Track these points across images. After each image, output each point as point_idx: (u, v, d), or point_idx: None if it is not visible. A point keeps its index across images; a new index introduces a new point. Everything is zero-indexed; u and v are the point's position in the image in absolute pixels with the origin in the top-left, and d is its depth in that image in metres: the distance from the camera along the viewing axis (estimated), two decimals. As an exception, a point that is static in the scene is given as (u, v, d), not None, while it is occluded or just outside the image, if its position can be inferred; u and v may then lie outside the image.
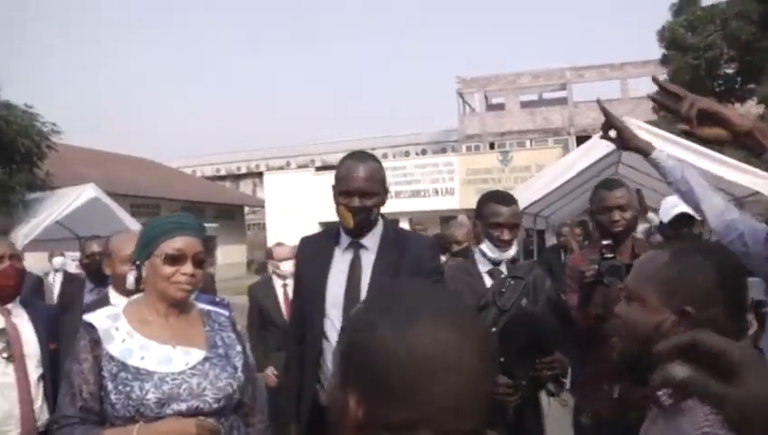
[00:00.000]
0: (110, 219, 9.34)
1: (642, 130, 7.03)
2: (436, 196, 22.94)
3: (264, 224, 25.95)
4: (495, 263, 2.93)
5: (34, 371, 2.85)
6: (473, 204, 3.11)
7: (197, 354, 2.03)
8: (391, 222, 2.73)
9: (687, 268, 1.37)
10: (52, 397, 2.85)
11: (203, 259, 2.11)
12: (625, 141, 2.43)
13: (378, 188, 2.55)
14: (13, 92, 11.00)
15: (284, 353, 3.69)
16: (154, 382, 1.91)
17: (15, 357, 2.80)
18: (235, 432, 2.05)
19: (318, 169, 28.15)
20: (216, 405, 1.97)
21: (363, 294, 2.50)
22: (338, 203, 2.54)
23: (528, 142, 31.02)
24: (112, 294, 2.92)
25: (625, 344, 1.49)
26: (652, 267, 1.43)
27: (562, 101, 32.49)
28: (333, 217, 2.55)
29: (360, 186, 2.50)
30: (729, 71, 17.09)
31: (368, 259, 2.60)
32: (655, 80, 2.03)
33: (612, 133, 2.44)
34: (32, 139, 10.83)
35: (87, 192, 9.52)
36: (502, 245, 2.89)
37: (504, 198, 2.97)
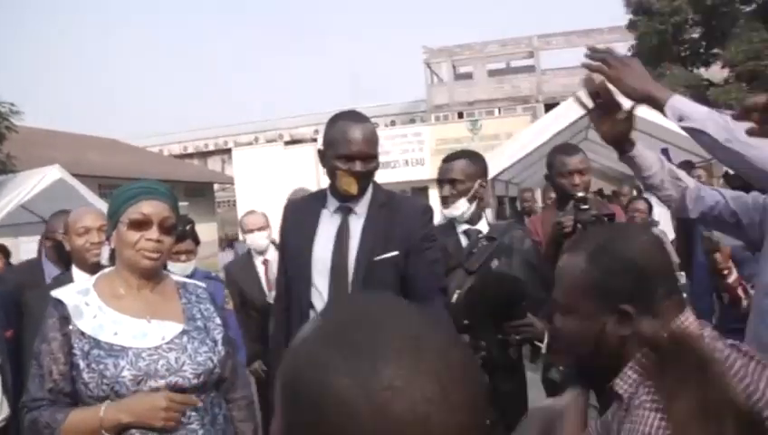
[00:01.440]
0: (77, 201, 9.10)
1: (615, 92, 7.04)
2: (406, 166, 22.82)
3: (234, 201, 25.72)
4: (469, 222, 2.92)
5: None
6: (439, 172, 3.11)
7: (174, 328, 1.93)
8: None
9: (608, 266, 1.31)
10: (12, 389, 2.69)
11: (172, 226, 1.97)
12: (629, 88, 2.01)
13: (376, 151, 2.42)
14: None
15: (266, 344, 3.66)
16: (129, 359, 1.81)
17: None
18: (216, 409, 1.96)
19: (287, 143, 27.92)
20: (195, 381, 1.88)
21: (351, 261, 2.39)
22: (334, 167, 2.37)
23: (497, 111, 31.02)
24: (75, 271, 2.83)
25: (572, 361, 1.45)
26: (574, 275, 1.35)
27: (530, 69, 32.49)
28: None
29: (362, 149, 2.34)
30: (695, 35, 17.20)
31: (356, 224, 2.45)
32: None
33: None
34: (-10, 121, 10.53)
35: (52, 174, 9.30)
36: (445, 202, 2.92)
37: (448, 157, 3.02)
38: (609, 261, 1.32)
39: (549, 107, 28.77)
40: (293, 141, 29.78)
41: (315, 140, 24.34)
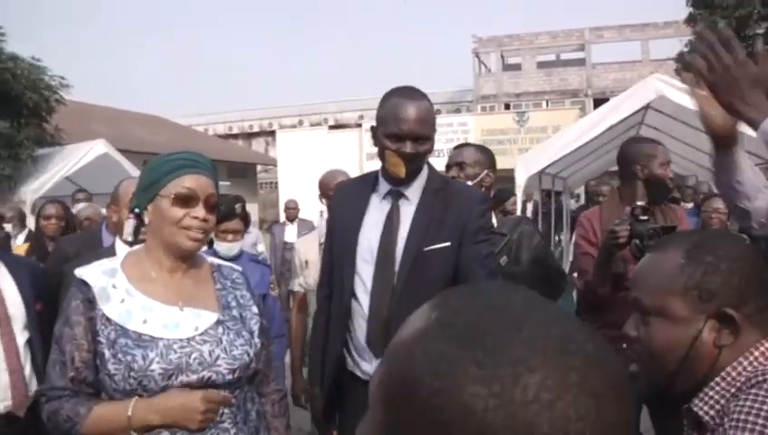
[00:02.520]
0: (121, 175, 9.15)
1: (672, 86, 6.78)
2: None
3: (275, 183, 25.80)
4: None
5: (21, 334, 2.57)
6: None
7: (209, 317, 1.76)
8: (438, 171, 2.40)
9: (713, 264, 1.16)
10: (41, 364, 2.57)
11: (217, 203, 1.79)
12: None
13: (431, 132, 2.21)
14: (19, 45, 10.72)
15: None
16: (159, 350, 1.64)
17: (1, 319, 2.51)
18: (248, 405, 1.80)
19: (331, 127, 27.86)
20: (230, 377, 1.71)
21: (399, 250, 2.21)
22: (383, 147, 2.20)
23: (544, 103, 30.51)
24: (119, 245, 2.68)
25: (651, 373, 1.23)
26: (667, 273, 1.20)
27: (580, 62, 31.85)
28: (345, 177, 2.32)
29: (413, 128, 2.14)
30: (760, 31, 16.42)
31: (407, 211, 2.26)
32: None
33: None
34: (40, 93, 10.65)
35: (97, 148, 9.40)
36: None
37: (461, 145, 3.08)
38: (714, 259, 1.16)
39: (598, 102, 28.33)
40: (338, 126, 29.70)
41: (360, 125, 24.19)
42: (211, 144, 29.02)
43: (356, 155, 22.13)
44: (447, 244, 2.19)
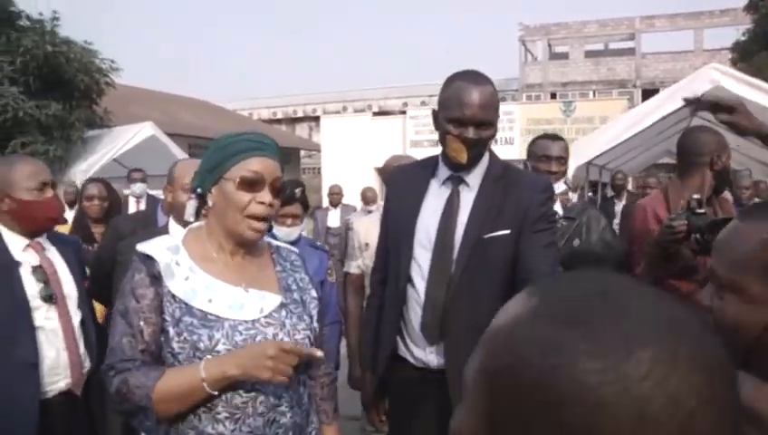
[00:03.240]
0: (168, 158, 9.30)
1: (730, 77, 6.61)
2: (495, 145, 22.06)
3: (318, 168, 25.93)
4: None
5: (75, 313, 2.61)
6: (533, 154, 3.14)
7: (273, 300, 1.72)
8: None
9: None
10: (95, 343, 2.66)
11: (282, 187, 1.72)
12: (742, 127, 2.29)
13: (494, 117, 2.16)
14: (72, 28, 10.89)
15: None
16: (225, 331, 1.60)
17: (58, 298, 2.53)
18: (301, 388, 1.76)
19: (375, 114, 27.82)
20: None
21: (458, 237, 2.17)
22: (445, 131, 2.15)
23: (591, 93, 30.01)
24: (173, 225, 2.70)
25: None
26: (748, 248, 1.08)
27: (630, 52, 31.22)
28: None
29: (476, 114, 2.09)
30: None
31: (467, 197, 2.21)
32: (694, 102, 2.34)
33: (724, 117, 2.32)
34: (91, 75, 10.84)
35: (145, 130, 9.56)
36: (550, 177, 2.81)
37: (552, 136, 3.12)
38: None
39: (647, 92, 27.78)
40: (382, 113, 29.64)
41: (404, 112, 24.10)
42: (256, 129, 29.20)
43: (399, 142, 22.05)
44: (507, 231, 2.15)
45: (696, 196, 2.55)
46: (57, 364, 2.50)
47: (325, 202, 10.51)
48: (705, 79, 6.80)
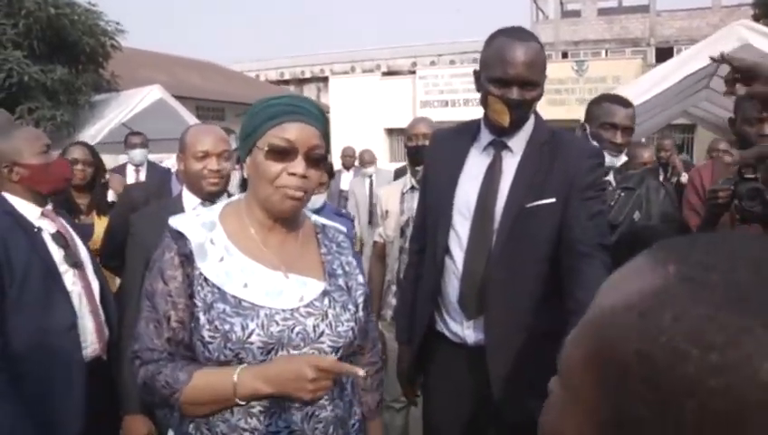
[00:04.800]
0: (177, 121, 9.19)
1: (760, 34, 6.33)
2: (505, 105, 22.08)
3: (327, 130, 25.74)
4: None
5: (94, 280, 2.57)
6: (545, 114, 2.67)
7: (315, 287, 1.57)
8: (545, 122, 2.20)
9: None
10: (114, 311, 2.62)
11: (321, 157, 1.54)
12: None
13: (540, 77, 2.02)
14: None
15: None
16: (260, 321, 1.46)
17: (78, 264, 2.50)
18: (344, 378, 1.62)
19: (384, 74, 27.48)
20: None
21: (500, 206, 2.03)
22: (486, 92, 2.02)
23: (603, 53, 29.50)
24: (187, 195, 2.58)
25: None
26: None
27: (644, 9, 30.56)
28: (399, 124, 2.16)
29: (520, 73, 1.95)
30: None
31: (510, 163, 2.09)
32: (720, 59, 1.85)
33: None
34: (96, 38, 10.62)
35: (153, 93, 9.39)
36: (612, 148, 2.60)
37: (621, 99, 2.73)
38: None
39: (661, 51, 27.33)
40: (390, 73, 29.29)
41: (413, 72, 23.79)
42: (263, 90, 29.02)
43: (409, 103, 21.81)
44: (553, 200, 2.01)
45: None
46: (85, 329, 2.48)
47: (336, 164, 10.36)
48: (732, 36, 6.52)
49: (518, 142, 2.10)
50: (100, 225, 3.68)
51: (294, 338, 1.49)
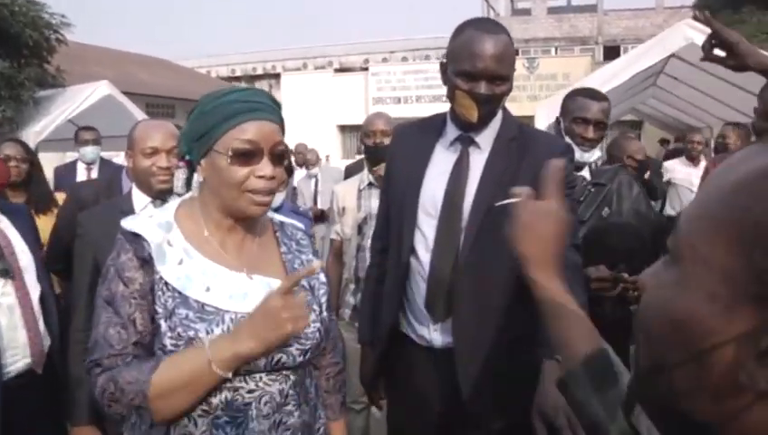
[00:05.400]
0: (125, 118, 8.94)
1: (704, 33, 6.46)
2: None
3: (280, 127, 25.65)
4: (577, 167, 2.47)
5: (34, 288, 2.40)
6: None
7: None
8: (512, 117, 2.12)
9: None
10: (56, 319, 2.47)
11: (284, 152, 1.47)
12: (741, 59, 1.98)
13: (509, 71, 1.94)
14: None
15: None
16: (225, 326, 1.37)
17: (14, 272, 2.33)
18: (307, 380, 1.55)
19: (336, 71, 27.39)
20: (300, 359, 1.46)
21: (467, 204, 1.96)
22: (454, 86, 1.94)
23: (553, 50, 29.92)
24: (136, 193, 2.48)
25: (649, 356, 0.67)
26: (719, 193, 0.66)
27: (592, 9, 31.08)
28: (352, 121, 2.11)
29: (489, 66, 1.87)
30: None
31: (478, 160, 2.00)
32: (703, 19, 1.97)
33: (718, 52, 2.05)
34: (40, 31, 10.27)
35: (100, 89, 9.12)
36: (585, 144, 2.56)
37: (594, 93, 2.67)
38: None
39: (608, 49, 27.84)
40: (343, 69, 29.19)
41: (366, 69, 23.78)
42: (214, 87, 28.59)
43: (362, 99, 21.77)
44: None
45: None
46: (16, 343, 2.30)
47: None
48: (678, 35, 6.70)
49: (486, 138, 2.03)
50: (41, 223, 3.54)
51: None
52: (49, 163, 7.23)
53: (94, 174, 5.82)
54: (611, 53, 26.11)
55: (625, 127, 18.62)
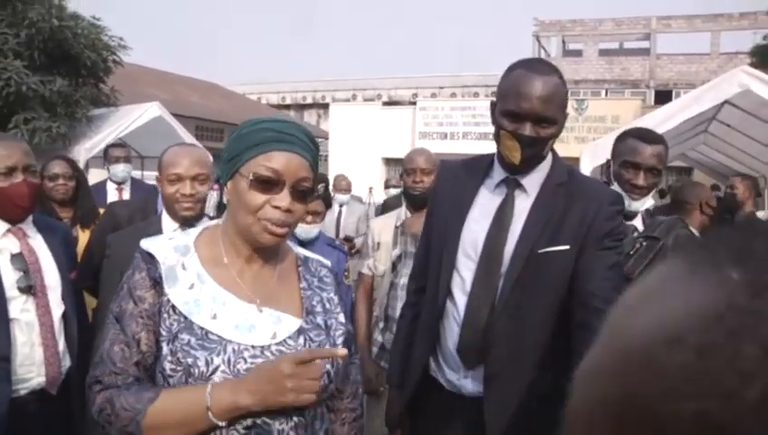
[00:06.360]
0: (174, 140, 9.07)
1: (759, 80, 6.32)
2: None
3: (326, 156, 25.78)
4: (626, 216, 2.31)
5: (57, 306, 2.38)
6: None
7: (291, 323, 1.45)
8: (562, 160, 2.02)
9: None
10: (76, 340, 2.43)
11: (307, 189, 1.44)
12: None
13: (558, 114, 1.86)
14: (80, 4, 10.67)
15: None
16: (226, 356, 1.34)
17: (37, 289, 2.31)
18: (317, 423, 1.49)
19: (385, 103, 27.56)
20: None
21: (509, 249, 1.88)
22: (500, 126, 1.88)
23: (603, 92, 29.72)
24: (165, 218, 2.48)
25: None
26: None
27: (644, 52, 30.86)
28: (397, 154, 2.02)
29: (535, 107, 1.80)
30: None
31: (523, 204, 1.93)
32: None
33: None
34: (98, 52, 10.56)
35: (151, 110, 9.32)
36: (633, 191, 2.37)
37: (648, 135, 2.44)
38: None
39: (660, 93, 27.55)
40: (391, 103, 29.38)
41: (414, 103, 23.85)
42: (264, 113, 29.05)
43: (409, 133, 21.82)
44: (566, 247, 1.86)
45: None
46: (31, 360, 2.27)
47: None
48: (733, 81, 6.54)
49: (533, 182, 1.95)
50: (85, 238, 3.57)
51: None
52: (98, 179, 7.36)
53: (126, 195, 5.57)
54: (663, 97, 25.81)
55: (674, 173, 18.28)
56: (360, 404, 1.73)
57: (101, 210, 3.75)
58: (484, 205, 1.98)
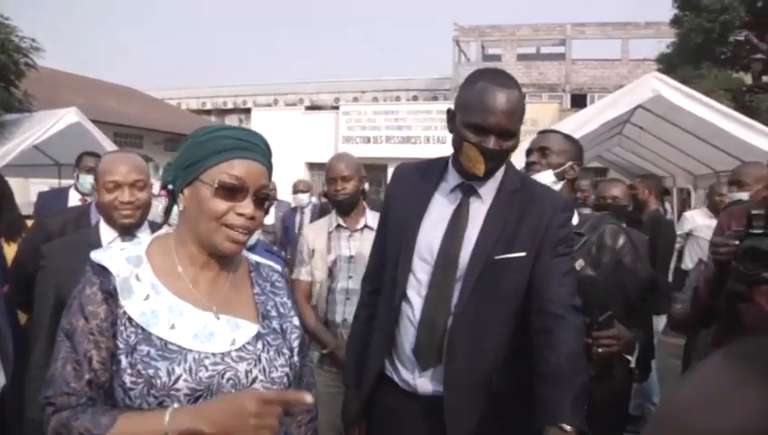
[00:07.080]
0: (93, 147, 8.76)
1: (670, 86, 6.67)
2: (427, 143, 22.40)
3: (249, 162, 25.64)
4: None
5: None
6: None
7: (248, 329, 1.46)
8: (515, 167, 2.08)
9: None
10: (11, 357, 2.35)
11: (267, 196, 1.46)
12: None
13: (517, 126, 1.90)
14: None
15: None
16: (188, 365, 1.34)
17: None
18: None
19: (307, 108, 27.51)
20: None
21: (465, 255, 1.91)
22: (462, 137, 1.90)
23: (522, 96, 30.55)
24: (103, 227, 2.41)
25: None
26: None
27: (560, 57, 31.85)
28: (321, 158, 2.03)
29: (500, 122, 1.84)
30: (740, 38, 16.52)
31: (478, 211, 1.96)
32: None
33: None
34: (8, 54, 10.13)
35: (68, 116, 8.97)
36: (527, 169, 2.51)
37: (547, 130, 2.71)
38: None
39: (575, 97, 28.49)
40: (313, 107, 29.33)
41: (336, 107, 23.92)
42: (184, 119, 28.50)
43: (332, 137, 21.87)
44: (523, 254, 1.91)
45: (755, 211, 2.07)
46: None
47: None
48: (646, 87, 6.87)
49: (488, 189, 2.00)
50: (11, 251, 3.41)
51: (225, 384, 1.37)
52: (14, 188, 7.04)
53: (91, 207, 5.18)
54: (578, 100, 26.79)
55: (591, 173, 18.96)
56: (314, 406, 1.74)
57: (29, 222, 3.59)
58: (439, 209, 2.01)
